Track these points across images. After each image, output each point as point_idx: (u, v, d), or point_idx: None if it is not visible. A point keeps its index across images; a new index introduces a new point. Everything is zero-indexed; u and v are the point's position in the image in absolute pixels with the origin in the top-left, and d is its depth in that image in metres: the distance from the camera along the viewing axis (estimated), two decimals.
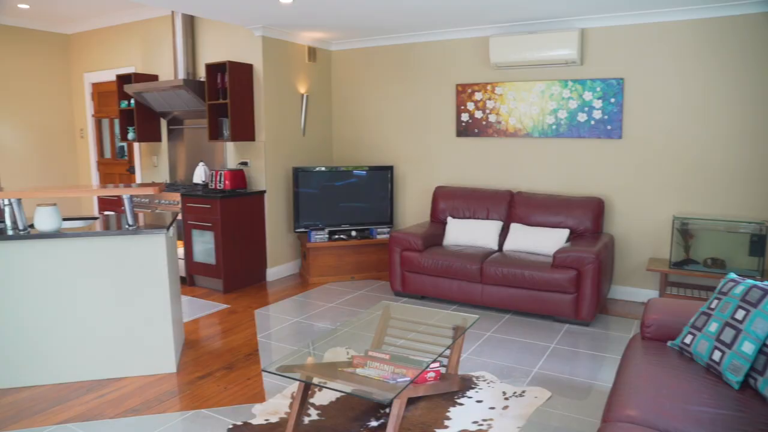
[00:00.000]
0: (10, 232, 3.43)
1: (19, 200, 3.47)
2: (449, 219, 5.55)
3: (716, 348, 2.40)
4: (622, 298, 5.24)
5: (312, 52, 6.29)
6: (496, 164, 5.72)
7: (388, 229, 6.10)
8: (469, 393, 3.36)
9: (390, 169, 6.08)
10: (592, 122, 5.15)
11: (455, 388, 3.31)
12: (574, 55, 5.01)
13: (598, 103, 5.10)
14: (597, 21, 5.03)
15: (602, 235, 5.00)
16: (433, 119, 6.02)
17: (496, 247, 5.24)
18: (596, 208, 5.02)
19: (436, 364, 3.07)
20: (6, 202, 3.48)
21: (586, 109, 5.16)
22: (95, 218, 4.14)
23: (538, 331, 4.43)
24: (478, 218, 5.51)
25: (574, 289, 4.45)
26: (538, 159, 5.49)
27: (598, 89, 5.08)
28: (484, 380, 3.54)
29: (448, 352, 3.28)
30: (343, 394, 3.25)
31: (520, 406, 3.20)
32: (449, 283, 5.00)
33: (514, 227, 5.20)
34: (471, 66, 5.73)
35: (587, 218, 5.01)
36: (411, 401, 3.23)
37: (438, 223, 5.71)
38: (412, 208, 6.32)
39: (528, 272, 4.58)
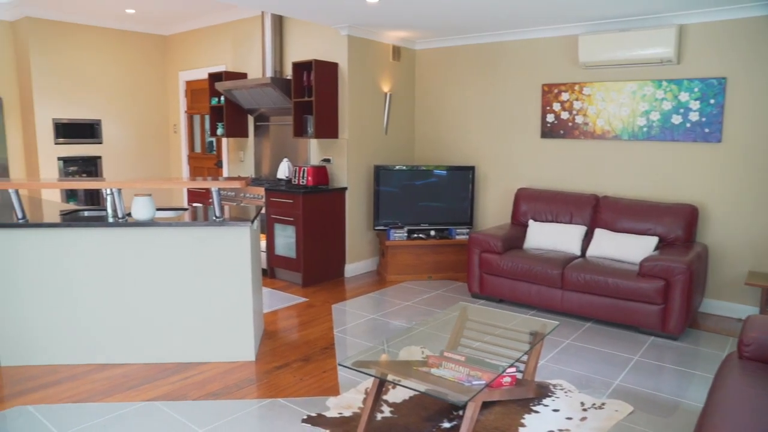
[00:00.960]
0: (110, 220, 3.66)
1: (119, 190, 3.69)
2: (531, 222, 5.42)
3: None
4: (716, 312, 4.93)
5: (396, 51, 6.31)
6: (582, 167, 5.53)
7: (468, 230, 6.03)
8: (546, 401, 3.27)
9: (471, 169, 6.01)
10: (688, 125, 4.87)
11: (531, 394, 3.23)
12: (670, 53, 4.75)
13: (695, 105, 4.82)
14: (696, 16, 4.75)
15: (695, 244, 4.72)
16: (517, 120, 5.90)
17: (578, 253, 5.07)
18: (689, 215, 4.74)
19: (513, 369, 3.01)
20: (108, 191, 3.71)
21: (682, 110, 4.89)
22: (185, 209, 4.34)
23: (621, 342, 4.25)
24: (560, 222, 5.35)
25: (662, 300, 4.23)
26: (627, 162, 5.25)
27: (696, 90, 4.80)
28: (562, 389, 3.43)
29: (525, 357, 3.20)
30: (417, 392, 3.24)
31: (599, 419, 3.08)
32: (528, 288, 4.89)
33: (599, 233, 5.01)
34: (558, 66, 5.56)
35: (678, 226, 4.74)
36: (485, 405, 3.18)
37: (519, 225, 5.59)
38: (493, 210, 6.22)
39: (612, 280, 4.40)
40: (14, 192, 3.66)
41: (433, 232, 6.06)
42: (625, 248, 4.75)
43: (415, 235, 6.00)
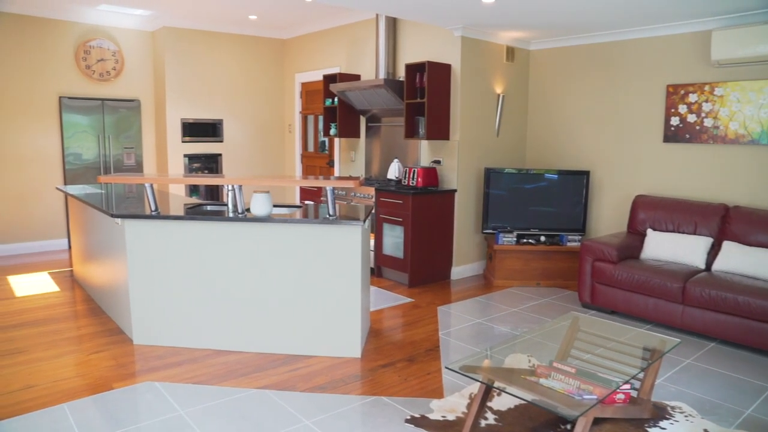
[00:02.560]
0: (230, 214, 3.87)
1: (240, 186, 3.90)
2: (649, 231, 5.11)
3: None
4: None
5: (510, 52, 6.19)
6: (709, 174, 5.13)
7: (580, 237, 5.80)
8: (663, 423, 3.07)
9: (586, 174, 5.77)
10: None
11: (646, 415, 3.04)
12: None
13: None
14: None
15: None
16: (637, 123, 5.58)
17: (702, 266, 4.71)
18: None
19: (627, 386, 2.85)
20: (230, 187, 3.93)
21: None
22: (298, 206, 4.51)
23: (753, 367, 3.89)
24: (683, 232, 5.00)
25: None
26: (765, 170, 4.81)
27: None
28: (681, 412, 3.20)
29: (641, 374, 3.03)
30: (523, 402, 3.16)
31: None
32: (644, 300, 4.61)
33: (728, 245, 4.63)
34: (685, 64, 5.20)
35: None
36: (595, 421, 3.03)
37: (636, 234, 5.29)
38: (607, 217, 5.93)
39: (743, 298, 4.05)
40: (149, 186, 3.97)
41: (543, 238, 5.88)
42: (761, 264, 4.35)
43: (525, 240, 5.86)
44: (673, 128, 5.30)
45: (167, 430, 2.93)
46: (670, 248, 4.87)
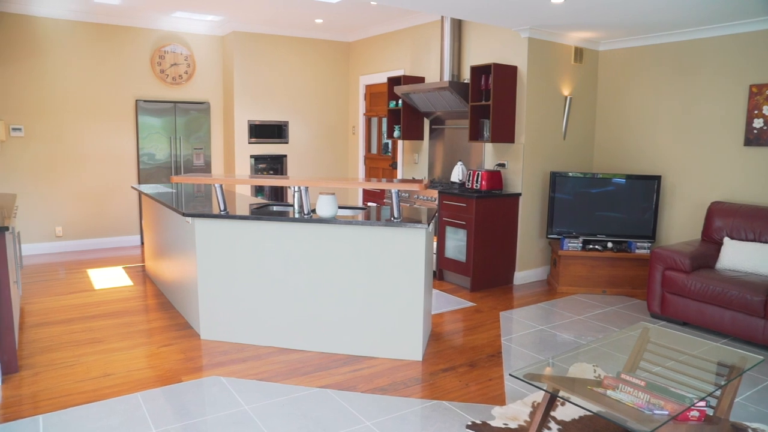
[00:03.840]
0: (296, 215, 3.94)
1: (306, 188, 3.97)
2: (726, 240, 4.87)
3: None
4: None
5: (578, 53, 6.03)
6: None
7: (649, 244, 5.59)
8: None
9: (657, 179, 5.56)
10: None
11: None
12: None
13: None
14: None
15: None
16: (715, 125, 5.32)
17: None
18: None
19: (703, 404, 2.71)
20: (296, 188, 4.00)
21: None
22: (362, 208, 4.54)
23: None
24: (764, 242, 4.73)
25: None
26: None
27: None
28: None
29: (718, 392, 2.88)
30: (588, 413, 3.07)
31: None
32: (720, 313, 4.39)
33: None
34: None
35: None
36: None
37: (711, 242, 5.04)
38: (679, 224, 5.68)
39: None
40: (219, 187, 4.09)
41: (610, 244, 5.70)
42: None
43: (591, 246, 5.69)
44: (755, 131, 5.03)
45: (232, 424, 3.01)
46: (750, 258, 4.62)
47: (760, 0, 4.20)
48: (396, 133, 6.91)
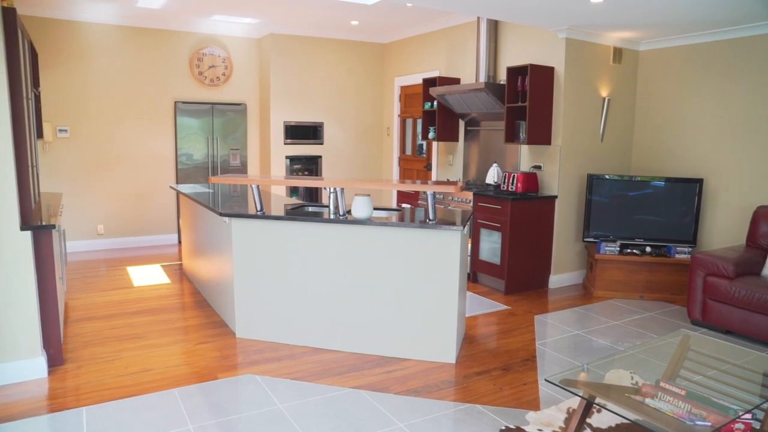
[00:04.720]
0: (332, 216, 3.97)
1: (342, 189, 3.99)
2: None
3: None
4: None
5: (617, 53, 5.92)
6: None
7: (690, 249, 5.45)
8: None
9: (699, 182, 5.42)
10: None
11: None
12: None
13: None
14: None
15: None
16: (759, 127, 5.15)
17: None
18: None
19: (749, 416, 2.63)
20: (332, 189, 4.03)
21: None
22: (396, 209, 4.54)
23: None
24: None
25: None
26: None
27: None
28: None
29: (765, 404, 2.79)
30: (625, 421, 3.01)
31: None
32: (766, 321, 4.26)
33: None
34: None
35: None
36: None
37: (756, 248, 4.89)
38: (722, 229, 5.52)
39: None
40: (256, 187, 4.15)
41: (648, 248, 5.58)
42: None
43: (628, 250, 5.58)
44: None
45: (266, 422, 3.05)
46: None
47: None
48: (431, 135, 6.90)
